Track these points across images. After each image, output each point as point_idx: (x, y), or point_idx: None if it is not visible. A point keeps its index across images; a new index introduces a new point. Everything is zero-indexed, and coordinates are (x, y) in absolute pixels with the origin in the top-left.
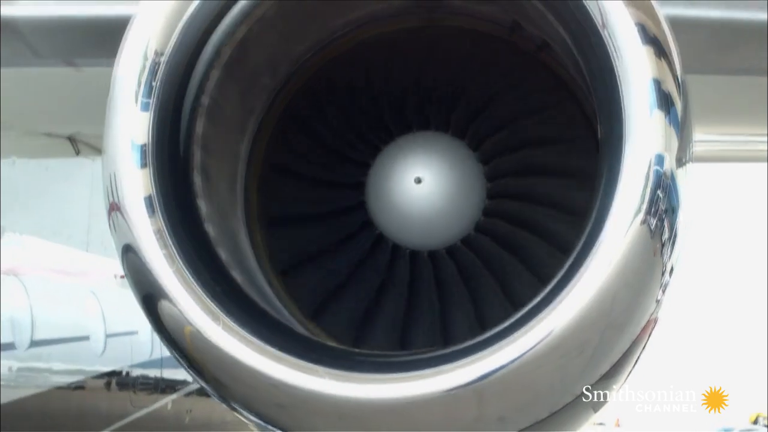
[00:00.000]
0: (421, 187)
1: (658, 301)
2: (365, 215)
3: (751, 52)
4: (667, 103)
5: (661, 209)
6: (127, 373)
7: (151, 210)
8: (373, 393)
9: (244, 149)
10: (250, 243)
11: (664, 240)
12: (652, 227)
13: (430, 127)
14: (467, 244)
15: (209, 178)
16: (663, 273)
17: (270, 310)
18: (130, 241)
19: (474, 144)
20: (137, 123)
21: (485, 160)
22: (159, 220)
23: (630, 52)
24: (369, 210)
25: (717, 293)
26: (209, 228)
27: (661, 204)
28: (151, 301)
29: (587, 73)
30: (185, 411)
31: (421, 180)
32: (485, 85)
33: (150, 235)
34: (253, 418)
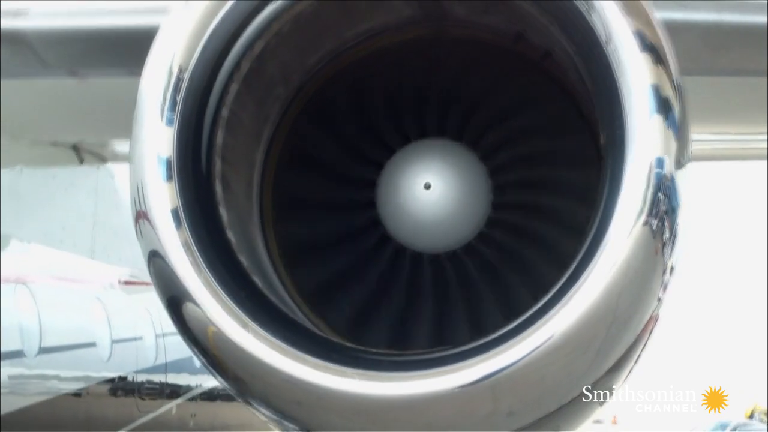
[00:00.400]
0: (430, 193)
1: (660, 299)
2: (374, 214)
3: (750, 53)
4: (665, 108)
5: (662, 210)
6: (132, 379)
7: (178, 222)
8: (390, 390)
9: (260, 156)
10: (264, 243)
11: (665, 240)
12: (654, 228)
13: (445, 135)
14: (469, 250)
15: (229, 186)
16: (664, 272)
17: (287, 311)
18: (157, 248)
19: (484, 156)
20: (162, 137)
21: (494, 172)
22: (185, 232)
23: (630, 61)
24: (378, 209)
25: (717, 291)
26: (231, 235)
27: (662, 205)
28: (176, 303)
29: (589, 80)
30: (190, 415)
31: (430, 186)
32: (496, 97)
33: (178, 245)
34: (271, 414)
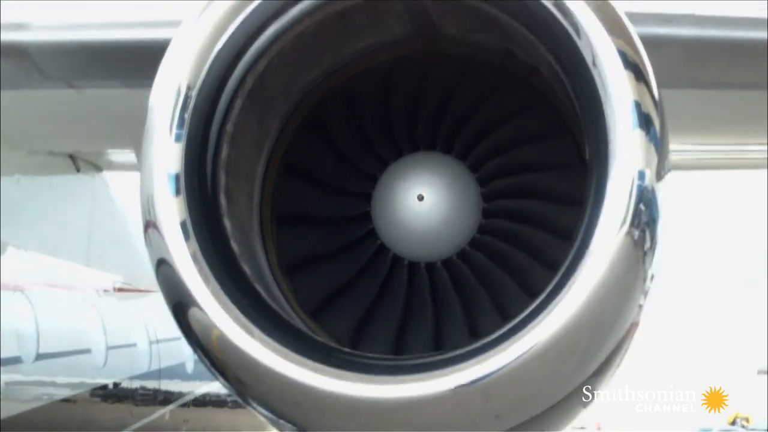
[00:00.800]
0: (423, 204)
1: (641, 306)
2: (369, 225)
3: (750, 67)
4: (646, 123)
5: (643, 221)
6: (127, 385)
7: (186, 235)
8: (385, 393)
9: (261, 169)
10: (265, 253)
11: (645, 249)
12: (636, 238)
13: (436, 148)
14: (462, 258)
15: (231, 198)
16: (645, 280)
17: (288, 318)
18: (165, 256)
19: (473, 166)
20: (171, 153)
21: (483, 181)
22: (193, 243)
23: (614, 79)
24: (373, 220)
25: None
26: (234, 245)
27: (644, 216)
28: (182, 309)
29: (575, 96)
30: (182, 421)
31: (423, 197)
32: (485, 110)
33: (186, 256)
34: (271, 415)
